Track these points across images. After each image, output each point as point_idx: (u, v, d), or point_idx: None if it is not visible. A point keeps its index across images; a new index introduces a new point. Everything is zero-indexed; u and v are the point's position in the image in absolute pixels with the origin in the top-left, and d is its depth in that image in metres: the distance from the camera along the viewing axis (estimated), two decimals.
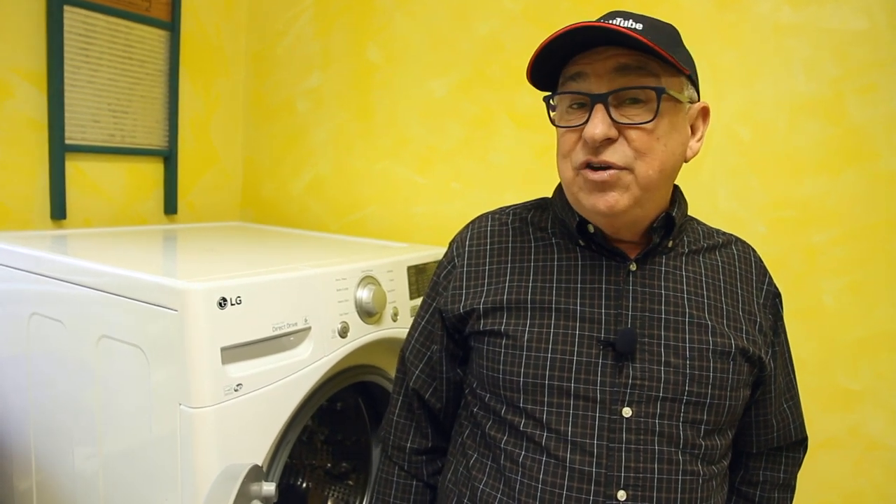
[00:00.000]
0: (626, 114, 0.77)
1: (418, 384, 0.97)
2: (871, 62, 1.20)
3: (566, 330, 0.83)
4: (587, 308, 0.83)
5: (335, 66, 1.89)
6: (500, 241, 0.93)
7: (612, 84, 0.77)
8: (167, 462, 0.99)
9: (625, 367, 0.80)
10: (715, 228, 0.96)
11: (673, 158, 0.81)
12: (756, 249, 0.95)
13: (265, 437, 1.06)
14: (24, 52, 1.54)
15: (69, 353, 1.13)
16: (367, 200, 1.86)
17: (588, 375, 0.81)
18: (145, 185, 1.85)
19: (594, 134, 0.76)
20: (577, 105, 0.81)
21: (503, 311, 0.87)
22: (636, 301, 0.83)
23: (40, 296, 1.18)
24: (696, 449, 0.81)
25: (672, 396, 0.80)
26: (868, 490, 1.25)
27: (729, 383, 0.82)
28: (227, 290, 0.98)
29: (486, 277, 0.90)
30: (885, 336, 1.22)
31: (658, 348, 0.81)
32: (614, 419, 0.79)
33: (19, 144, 1.56)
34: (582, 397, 0.80)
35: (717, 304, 0.85)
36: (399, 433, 0.99)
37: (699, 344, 0.82)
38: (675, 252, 0.88)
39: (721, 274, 0.88)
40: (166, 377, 0.98)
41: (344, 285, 1.20)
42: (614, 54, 0.77)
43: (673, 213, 0.85)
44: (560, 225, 0.91)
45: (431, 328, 0.96)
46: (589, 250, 0.87)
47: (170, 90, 1.85)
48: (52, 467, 1.21)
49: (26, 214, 1.58)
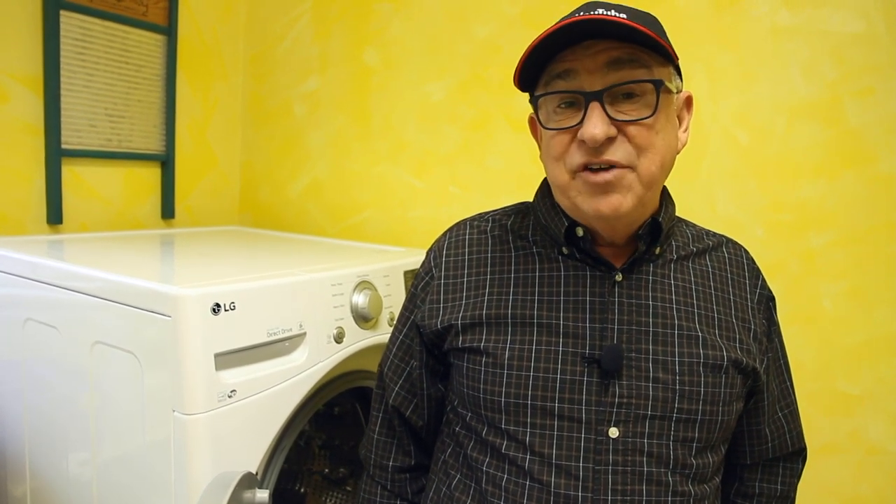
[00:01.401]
0: (622, 110, 0.74)
1: (398, 401, 0.92)
2: (868, 65, 1.19)
3: (549, 346, 0.78)
4: (570, 322, 0.79)
5: (333, 70, 1.89)
6: (478, 250, 0.88)
7: (606, 80, 0.73)
8: (161, 468, 0.99)
9: (611, 384, 0.76)
10: (705, 229, 0.92)
11: (671, 152, 0.78)
12: (748, 250, 0.92)
13: (260, 443, 1.05)
14: (20, 57, 1.54)
15: (63, 359, 1.13)
16: (364, 204, 1.85)
17: (573, 395, 0.76)
18: (142, 190, 1.85)
19: (595, 135, 0.71)
20: (565, 104, 0.76)
21: (482, 326, 0.82)
22: (622, 314, 0.79)
23: (35, 301, 1.18)
24: (686, 469, 0.77)
25: (661, 414, 0.76)
26: (869, 495, 1.24)
27: (721, 398, 0.78)
28: (220, 296, 0.98)
29: (465, 290, 0.86)
30: (885, 340, 1.21)
31: (646, 363, 0.77)
32: (600, 440, 0.75)
33: (15, 149, 1.55)
34: (567, 418, 0.76)
35: (709, 314, 0.82)
36: (380, 451, 0.95)
37: (689, 357, 0.78)
38: (663, 259, 0.84)
39: (712, 280, 0.84)
40: (160, 383, 0.97)
41: (340, 290, 1.19)
42: (605, 48, 0.73)
43: (660, 217, 0.81)
44: (542, 232, 0.87)
45: (410, 343, 0.92)
46: (572, 259, 0.83)
47: (167, 94, 1.85)
48: (46, 473, 1.20)
49: (22, 219, 1.58)
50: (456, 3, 1.65)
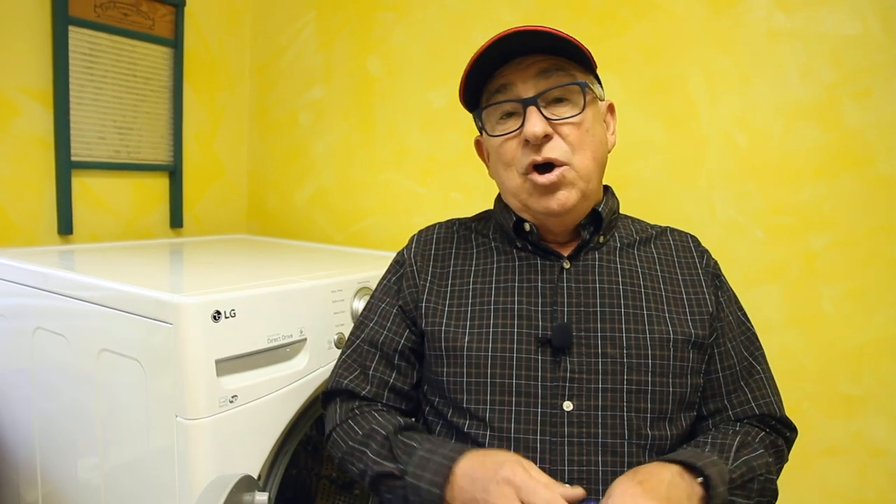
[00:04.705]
0: (555, 112, 0.85)
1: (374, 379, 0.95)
2: (865, 67, 1.19)
3: (504, 329, 0.85)
4: (525, 306, 0.86)
5: (337, 79, 1.91)
6: (444, 246, 0.98)
7: (538, 87, 0.85)
8: (165, 473, 1.01)
9: (562, 361, 0.82)
10: (649, 224, 0.99)
11: (602, 147, 0.89)
12: (695, 235, 0.98)
13: (262, 447, 1.07)
14: (30, 72, 1.57)
15: (71, 367, 1.15)
16: (369, 211, 1.87)
17: (528, 371, 0.83)
18: (151, 200, 1.88)
19: (535, 131, 0.82)
20: (505, 115, 0.88)
21: (444, 312, 0.90)
22: (571, 297, 0.86)
23: (44, 310, 1.21)
24: (642, 439, 0.81)
25: (611, 386, 0.81)
26: (873, 498, 1.24)
27: (671, 370, 0.83)
28: (221, 304, 0.99)
29: (429, 279, 0.94)
30: (886, 341, 1.20)
31: (595, 341, 0.83)
32: (555, 413, 0.80)
33: (26, 162, 1.59)
34: (523, 393, 0.82)
35: (656, 293, 0.88)
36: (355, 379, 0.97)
37: (636, 333, 0.84)
38: (608, 247, 0.92)
39: (658, 264, 0.92)
40: (163, 389, 0.99)
41: (340, 297, 1.21)
42: (534, 62, 0.85)
43: (599, 208, 0.90)
44: (500, 230, 0.96)
45: (390, 310, 0.97)
46: (525, 251, 0.92)
47: (174, 106, 1.88)
48: (57, 478, 1.23)
49: (34, 230, 1.62)
50: (456, 11, 1.66)
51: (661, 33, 1.37)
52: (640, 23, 1.39)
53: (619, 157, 1.26)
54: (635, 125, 1.40)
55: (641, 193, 1.40)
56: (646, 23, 1.39)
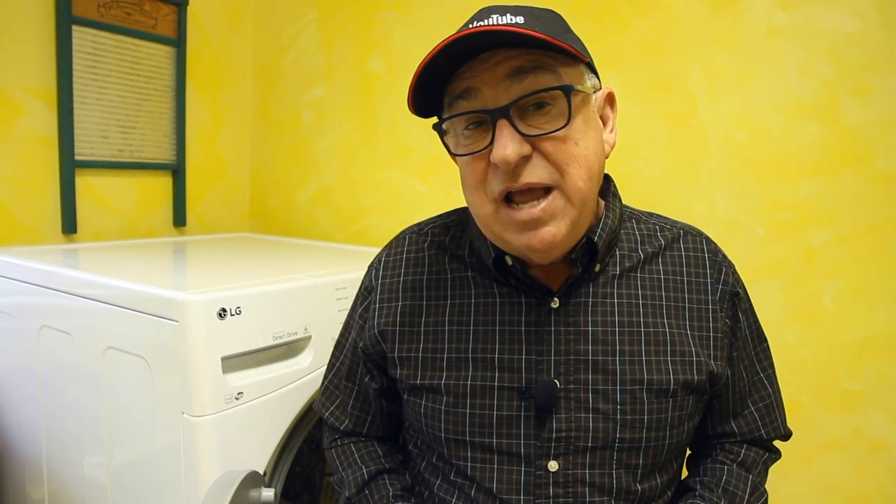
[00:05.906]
0: (534, 123, 0.66)
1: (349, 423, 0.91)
2: (864, 63, 1.20)
3: (484, 382, 0.75)
4: (506, 356, 0.75)
5: (338, 78, 1.92)
6: (416, 271, 0.83)
7: (511, 93, 0.66)
8: (171, 469, 1.02)
9: (548, 419, 0.73)
10: (660, 223, 0.83)
11: (597, 160, 0.70)
12: (711, 238, 0.84)
13: (267, 444, 1.08)
14: (34, 71, 1.58)
15: (77, 365, 1.16)
16: (371, 209, 1.88)
17: (510, 430, 0.74)
18: (154, 199, 1.89)
19: (506, 156, 0.64)
20: (473, 125, 0.69)
21: (418, 360, 0.79)
22: (559, 343, 0.74)
23: (49, 309, 1.22)
24: (631, 495, 0.74)
25: (602, 445, 0.72)
26: (873, 492, 1.24)
27: (668, 422, 0.74)
28: (226, 301, 1.00)
29: (399, 317, 0.82)
30: (886, 336, 1.21)
31: (584, 395, 0.73)
32: (539, 474, 0.73)
33: (30, 161, 1.60)
34: (506, 453, 0.74)
35: (658, 330, 0.75)
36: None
37: (632, 385, 0.73)
38: (605, 276, 0.77)
39: (663, 290, 0.77)
40: (169, 387, 1.00)
41: (344, 294, 1.22)
42: (504, 58, 0.66)
43: (595, 236, 0.74)
44: (477, 254, 0.81)
45: (353, 365, 0.89)
46: (507, 286, 0.77)
47: (177, 105, 1.89)
48: (63, 476, 1.24)
49: (38, 229, 1.63)
50: (457, 9, 1.67)
51: (661, 31, 1.38)
52: (641, 20, 1.40)
53: (620, 156, 1.27)
54: (635, 123, 1.41)
55: (642, 191, 1.41)
56: (646, 20, 1.39)
